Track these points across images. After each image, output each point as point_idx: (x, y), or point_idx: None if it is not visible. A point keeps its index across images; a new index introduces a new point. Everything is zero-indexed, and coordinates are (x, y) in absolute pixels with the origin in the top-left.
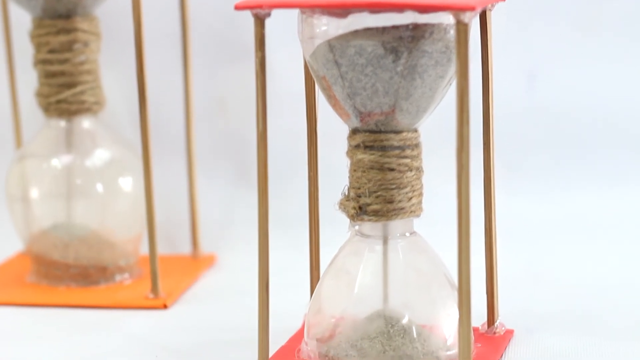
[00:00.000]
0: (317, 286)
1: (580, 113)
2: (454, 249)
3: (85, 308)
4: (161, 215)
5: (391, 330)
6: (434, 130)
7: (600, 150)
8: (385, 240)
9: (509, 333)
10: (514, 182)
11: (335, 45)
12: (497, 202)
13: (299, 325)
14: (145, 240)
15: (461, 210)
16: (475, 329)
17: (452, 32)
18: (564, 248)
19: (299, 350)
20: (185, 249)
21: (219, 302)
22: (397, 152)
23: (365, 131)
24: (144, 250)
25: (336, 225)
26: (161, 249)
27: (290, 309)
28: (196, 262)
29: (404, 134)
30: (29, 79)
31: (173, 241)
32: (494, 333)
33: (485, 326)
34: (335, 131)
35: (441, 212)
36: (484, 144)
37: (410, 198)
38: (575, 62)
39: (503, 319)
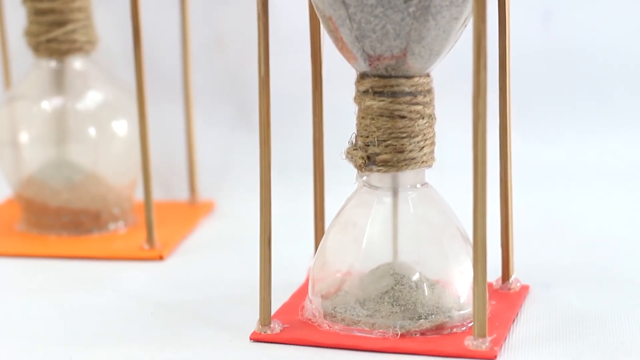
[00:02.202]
0: (322, 239)
1: (597, 55)
2: (467, 201)
3: (76, 259)
4: (157, 160)
5: (401, 288)
6: (446, 74)
7: (620, 93)
8: (394, 192)
9: (525, 289)
10: (529, 127)
11: None
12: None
13: (302, 279)
14: (140, 186)
15: (477, 162)
16: (489, 285)
17: None
18: (581, 196)
19: (303, 307)
20: (182, 194)
21: (218, 253)
22: (408, 98)
23: (375, 76)
24: (139, 196)
25: (342, 174)
26: (157, 195)
27: (293, 261)
28: (194, 209)
29: (416, 79)
30: (18, 17)
31: (169, 187)
32: (509, 289)
33: (500, 282)
34: (341, 75)
35: (454, 161)
36: (500, 89)
37: (422, 147)
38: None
39: (518, 274)
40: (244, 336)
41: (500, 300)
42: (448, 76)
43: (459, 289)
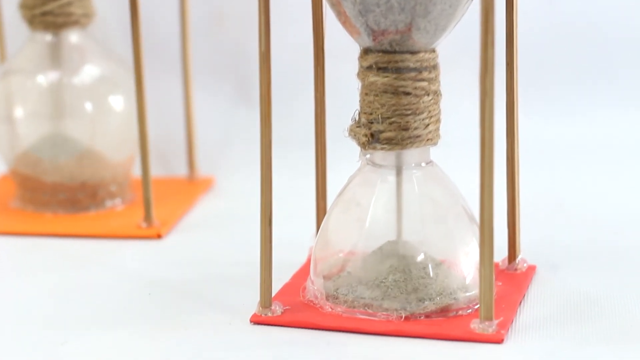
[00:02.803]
0: (324, 219)
1: (606, 31)
2: (473, 180)
3: (72, 237)
4: (155, 135)
5: (405, 269)
6: (452, 49)
7: (629, 69)
8: (399, 171)
9: (531, 270)
10: (535, 103)
11: None
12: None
13: (303, 258)
14: (138, 163)
15: (484, 141)
16: (495, 265)
17: None
18: (589, 175)
19: (304, 288)
20: (181, 170)
21: (217, 232)
22: (413, 74)
23: (379, 51)
24: (137, 172)
25: (345, 152)
26: (155, 171)
27: (294, 241)
28: (193, 185)
29: (421, 54)
30: None
31: (168, 163)
32: (515, 270)
33: (506, 262)
34: (344, 50)
35: (460, 139)
36: (507, 64)
37: (427, 125)
38: None
39: (524, 254)
40: (244, 318)
41: (507, 281)
42: (454, 51)
43: (464, 270)
